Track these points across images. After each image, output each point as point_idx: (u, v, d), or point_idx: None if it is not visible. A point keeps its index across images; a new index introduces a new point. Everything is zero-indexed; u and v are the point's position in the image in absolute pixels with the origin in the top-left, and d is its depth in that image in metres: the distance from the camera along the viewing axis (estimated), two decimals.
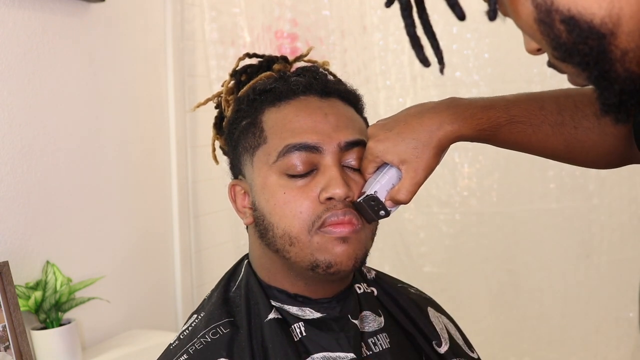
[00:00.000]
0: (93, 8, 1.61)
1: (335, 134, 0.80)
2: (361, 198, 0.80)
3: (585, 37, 0.49)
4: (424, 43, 0.58)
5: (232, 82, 0.93)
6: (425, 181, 0.81)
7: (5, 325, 1.29)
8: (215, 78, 1.94)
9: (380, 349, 0.84)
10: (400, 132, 0.80)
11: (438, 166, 0.82)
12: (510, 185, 1.93)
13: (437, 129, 0.79)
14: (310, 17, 1.91)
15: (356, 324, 0.83)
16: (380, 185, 0.80)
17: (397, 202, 0.80)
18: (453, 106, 0.81)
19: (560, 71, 0.56)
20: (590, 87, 0.54)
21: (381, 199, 0.80)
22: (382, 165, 0.82)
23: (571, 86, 0.59)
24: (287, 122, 0.81)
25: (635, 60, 0.48)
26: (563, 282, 1.96)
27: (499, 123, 0.80)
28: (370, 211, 0.80)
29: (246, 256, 0.90)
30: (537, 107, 0.81)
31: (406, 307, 0.91)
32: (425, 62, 0.56)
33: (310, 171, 0.79)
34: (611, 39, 0.48)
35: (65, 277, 1.45)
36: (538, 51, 0.56)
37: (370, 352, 0.82)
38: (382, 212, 0.80)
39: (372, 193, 0.80)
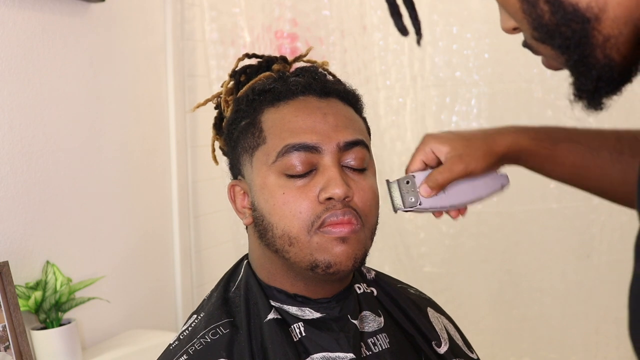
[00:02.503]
0: (93, 8, 1.61)
1: (335, 134, 0.80)
2: (398, 178, 0.79)
3: (569, 20, 0.48)
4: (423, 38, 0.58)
5: (232, 82, 0.93)
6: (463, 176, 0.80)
7: (5, 325, 1.29)
8: (215, 78, 1.94)
9: (380, 349, 0.84)
10: (460, 134, 0.81)
11: None
12: (510, 185, 1.92)
13: (495, 133, 0.81)
14: (310, 17, 1.91)
15: (356, 324, 0.83)
16: (420, 174, 0.80)
17: (429, 186, 0.80)
18: (513, 125, 0.83)
19: (536, 53, 0.55)
20: None
21: (417, 184, 0.79)
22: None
23: (549, 70, 0.58)
24: (286, 123, 0.81)
25: (616, 48, 0.47)
26: (563, 282, 1.96)
27: (557, 137, 0.81)
28: (399, 193, 0.79)
29: (246, 256, 0.90)
30: (595, 133, 0.82)
31: (406, 308, 0.91)
32: (403, 32, 0.56)
33: (310, 171, 0.79)
34: (595, 24, 0.47)
35: (65, 277, 1.45)
36: (514, 30, 0.55)
37: (370, 352, 0.82)
38: (411, 198, 0.79)
39: (411, 175, 0.80)
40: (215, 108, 0.96)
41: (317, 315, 0.82)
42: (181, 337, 0.84)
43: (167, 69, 1.88)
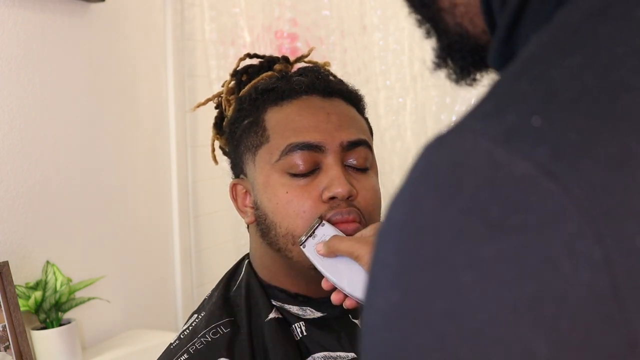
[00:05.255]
0: (93, 8, 1.61)
1: (338, 133, 0.80)
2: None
3: None
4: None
5: (233, 82, 0.93)
6: None
7: (5, 325, 1.29)
8: (215, 78, 1.94)
9: None
10: None
11: None
12: None
13: None
14: (310, 17, 1.91)
15: (357, 324, 0.83)
16: (333, 229, 0.77)
17: (323, 245, 0.76)
18: None
19: None
20: None
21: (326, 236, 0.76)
22: None
23: None
24: (290, 121, 0.81)
25: (468, 17, 0.43)
26: None
27: None
28: (312, 230, 0.76)
29: (247, 256, 0.90)
30: None
31: None
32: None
33: (313, 170, 0.79)
34: None
35: (65, 277, 1.45)
36: None
37: None
38: (303, 238, 0.76)
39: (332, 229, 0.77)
40: (216, 108, 0.96)
41: (318, 314, 0.82)
42: (182, 336, 0.84)
43: (167, 69, 1.88)
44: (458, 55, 0.45)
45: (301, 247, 0.76)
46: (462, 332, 0.27)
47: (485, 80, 0.46)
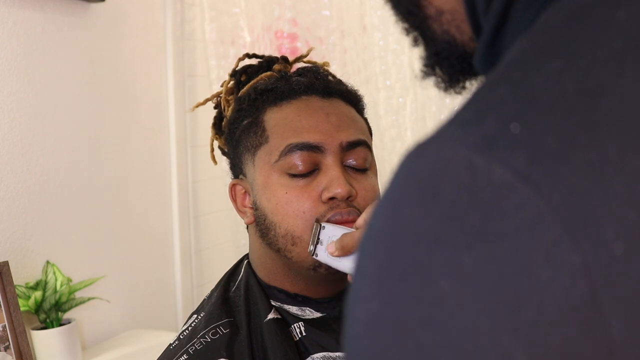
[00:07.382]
0: (93, 8, 1.61)
1: (337, 133, 0.80)
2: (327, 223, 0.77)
3: None
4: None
5: (232, 82, 0.93)
6: None
7: (5, 325, 1.29)
8: (215, 78, 1.94)
9: None
10: None
11: None
12: None
13: None
14: (310, 17, 1.91)
15: None
16: (338, 229, 0.76)
17: (335, 247, 0.75)
18: None
19: None
20: None
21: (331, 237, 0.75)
22: None
23: None
24: (289, 122, 0.81)
25: (454, 24, 0.43)
26: None
27: None
28: (317, 237, 0.76)
29: (246, 256, 0.90)
30: None
31: None
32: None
33: (312, 171, 0.79)
34: None
35: (65, 277, 1.45)
36: None
37: None
38: (311, 247, 0.76)
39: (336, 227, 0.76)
40: (215, 107, 0.96)
41: (317, 314, 0.82)
42: (181, 336, 0.84)
43: (167, 69, 1.88)
44: (446, 63, 0.44)
45: (314, 256, 0.75)
46: (439, 341, 0.26)
47: (475, 88, 0.46)
